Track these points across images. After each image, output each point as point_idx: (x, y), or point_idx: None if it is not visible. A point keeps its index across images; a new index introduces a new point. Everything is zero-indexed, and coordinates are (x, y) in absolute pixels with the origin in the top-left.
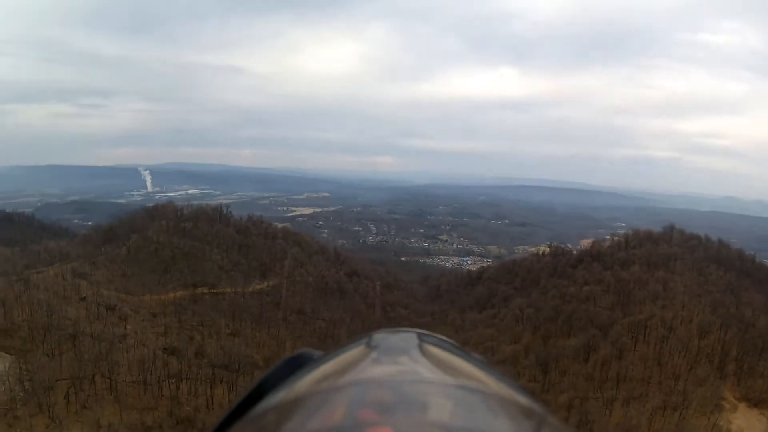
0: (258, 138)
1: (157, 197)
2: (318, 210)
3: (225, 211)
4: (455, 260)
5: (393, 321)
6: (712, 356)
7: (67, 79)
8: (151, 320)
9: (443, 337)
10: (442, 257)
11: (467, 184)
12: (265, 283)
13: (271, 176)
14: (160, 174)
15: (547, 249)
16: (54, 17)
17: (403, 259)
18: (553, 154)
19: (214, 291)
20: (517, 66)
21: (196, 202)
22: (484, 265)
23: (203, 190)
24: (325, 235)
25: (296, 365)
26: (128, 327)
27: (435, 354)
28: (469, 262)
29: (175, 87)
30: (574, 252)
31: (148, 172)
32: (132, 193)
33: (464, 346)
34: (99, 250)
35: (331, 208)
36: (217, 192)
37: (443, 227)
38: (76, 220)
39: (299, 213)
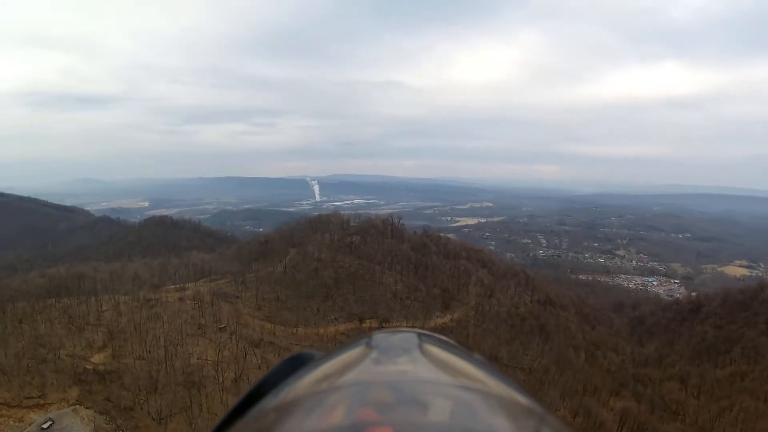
0: (418, 148)
1: (324, 206)
2: (482, 220)
3: (397, 223)
4: (638, 280)
5: (608, 373)
6: None
7: (239, 101)
8: None
9: (443, 337)
10: (622, 276)
11: (638, 193)
12: (449, 316)
13: (432, 186)
14: (327, 184)
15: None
16: (225, 48)
17: (582, 277)
18: (731, 157)
19: (386, 326)
20: (680, 59)
21: (362, 212)
22: (673, 286)
23: (368, 199)
24: (493, 247)
25: (296, 365)
26: None
27: (435, 354)
28: (654, 282)
29: (337, 104)
30: None
31: (315, 182)
32: (301, 202)
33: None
34: (249, 266)
35: (496, 218)
36: (382, 202)
37: (619, 241)
38: (247, 226)
39: (464, 223)
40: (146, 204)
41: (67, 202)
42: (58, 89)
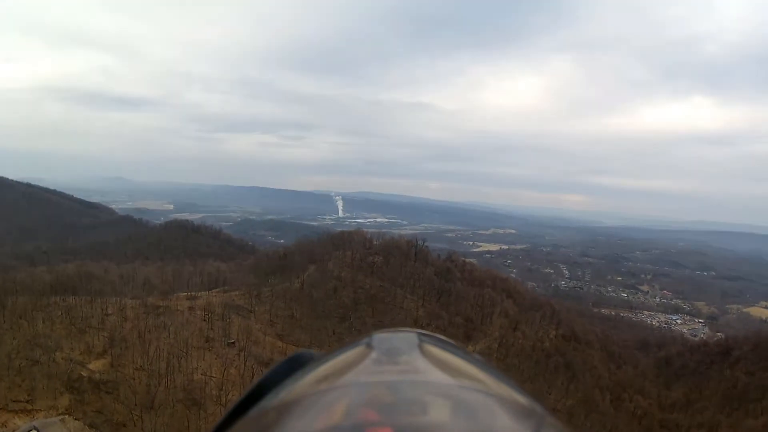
0: (444, 171)
1: (347, 222)
2: (505, 247)
3: (422, 246)
4: (662, 318)
5: (634, 417)
6: None
7: (271, 114)
8: None
9: (443, 337)
10: (646, 312)
11: (664, 228)
12: (470, 347)
13: (456, 209)
14: (351, 201)
15: None
16: (260, 60)
17: (604, 311)
18: (759, 196)
19: None
20: (711, 95)
21: (384, 230)
22: (697, 325)
23: (391, 218)
24: (514, 275)
25: (296, 365)
26: None
27: (435, 354)
28: (678, 321)
29: (367, 122)
30: None
31: (340, 198)
32: (324, 216)
33: None
34: (266, 280)
35: (519, 246)
36: (404, 222)
37: (643, 276)
38: (269, 237)
39: (486, 249)
40: (171, 207)
41: (94, 199)
42: (94, 88)
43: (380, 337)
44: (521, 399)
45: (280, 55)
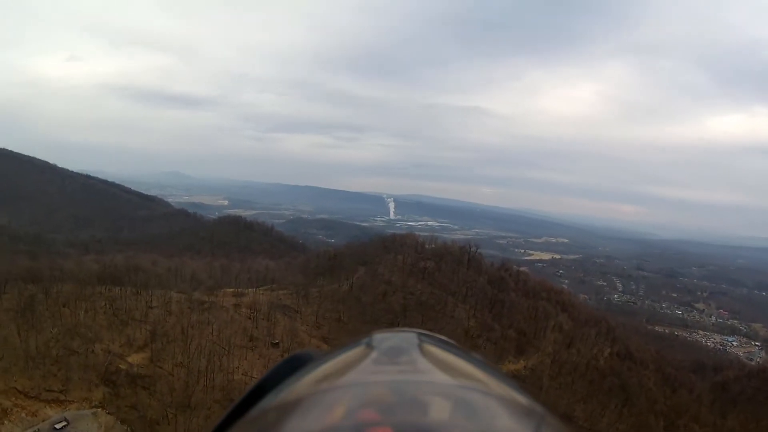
0: (497, 177)
1: (398, 224)
2: (557, 257)
3: (475, 252)
4: (717, 338)
5: None
6: None
7: (325, 115)
8: None
9: (443, 337)
10: (701, 332)
11: (721, 243)
12: (522, 362)
13: (508, 215)
14: (402, 204)
15: None
16: (315, 62)
17: (658, 328)
18: None
19: None
20: None
21: (436, 235)
22: (754, 348)
23: (442, 222)
24: (566, 286)
25: (296, 365)
26: None
27: (435, 354)
28: (734, 342)
29: (421, 125)
30: None
31: (392, 200)
32: (375, 218)
33: None
34: (315, 280)
35: (571, 256)
36: (455, 226)
37: (699, 293)
38: (320, 236)
39: (538, 258)
40: (226, 203)
41: (152, 192)
42: (154, 87)
43: (380, 337)
44: (521, 399)
45: (335, 57)
